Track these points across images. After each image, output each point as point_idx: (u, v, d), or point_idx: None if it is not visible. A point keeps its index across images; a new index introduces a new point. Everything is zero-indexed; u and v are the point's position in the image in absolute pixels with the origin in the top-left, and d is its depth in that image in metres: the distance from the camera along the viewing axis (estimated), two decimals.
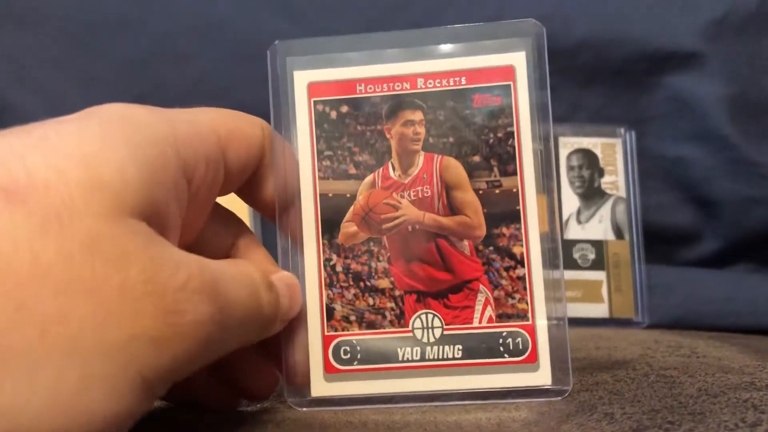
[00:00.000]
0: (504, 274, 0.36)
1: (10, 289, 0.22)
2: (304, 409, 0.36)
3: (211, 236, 0.35)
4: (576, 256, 0.73)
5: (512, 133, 0.37)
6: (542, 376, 0.36)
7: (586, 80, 0.80)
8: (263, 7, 0.81)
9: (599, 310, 0.72)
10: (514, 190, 0.36)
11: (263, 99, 0.37)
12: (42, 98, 0.79)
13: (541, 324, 0.36)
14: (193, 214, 0.32)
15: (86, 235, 0.23)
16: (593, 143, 0.76)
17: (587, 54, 0.79)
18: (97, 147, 0.26)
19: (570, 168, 0.75)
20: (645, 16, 0.79)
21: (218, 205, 0.36)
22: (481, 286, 0.36)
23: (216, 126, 0.33)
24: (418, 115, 0.37)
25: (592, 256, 0.74)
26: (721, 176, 0.77)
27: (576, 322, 0.36)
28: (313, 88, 0.37)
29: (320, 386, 0.36)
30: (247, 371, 0.36)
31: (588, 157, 0.76)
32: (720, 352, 0.49)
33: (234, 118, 0.34)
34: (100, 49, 0.81)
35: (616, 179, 0.76)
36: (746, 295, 0.73)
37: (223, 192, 0.35)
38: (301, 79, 0.37)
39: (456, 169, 0.37)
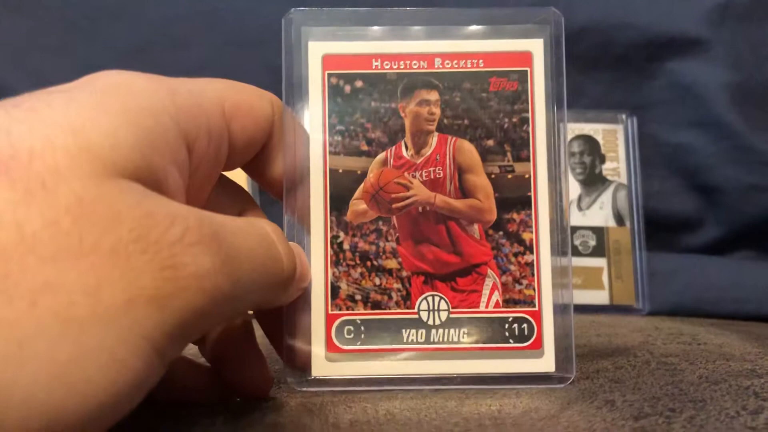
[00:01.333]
0: (512, 259, 0.36)
1: None
2: (304, 389, 0.35)
3: (215, 209, 0.34)
4: (577, 242, 0.74)
5: (527, 119, 0.37)
6: (546, 363, 0.35)
7: (588, 66, 0.80)
8: None
9: (600, 297, 0.73)
10: (527, 176, 0.36)
11: (264, 85, 0.36)
12: (40, 85, 0.78)
13: (548, 311, 0.36)
14: (197, 186, 0.31)
15: (73, 199, 0.23)
16: (594, 129, 0.76)
17: (589, 40, 0.79)
18: (87, 114, 0.25)
19: (571, 154, 0.75)
20: (648, 1, 0.79)
21: (224, 176, 0.36)
22: (489, 271, 0.36)
23: (221, 97, 0.32)
24: (433, 95, 0.37)
25: (592, 242, 0.74)
26: (723, 163, 0.77)
27: (576, 309, 0.36)
28: (327, 60, 0.37)
29: (322, 366, 0.35)
30: (243, 367, 0.35)
31: (589, 143, 0.76)
32: (721, 339, 0.50)
33: (241, 90, 0.33)
34: (99, 36, 0.81)
35: (617, 166, 0.76)
36: (747, 283, 0.74)
37: (230, 166, 0.34)
38: (316, 51, 0.37)
39: (469, 152, 0.36)
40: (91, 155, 0.24)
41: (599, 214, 0.74)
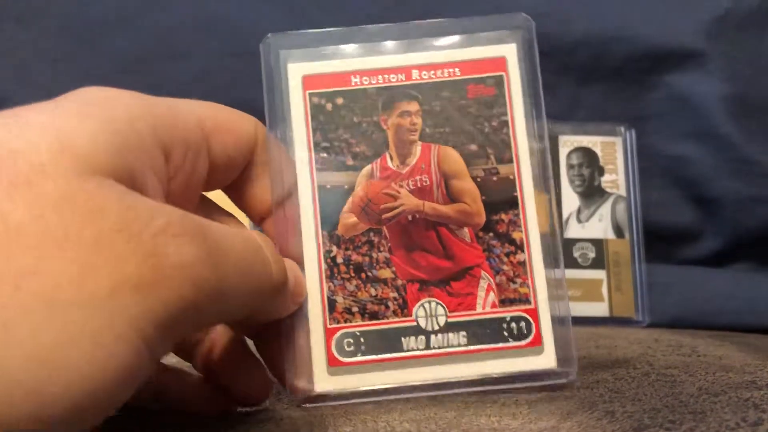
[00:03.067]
0: (505, 259, 0.36)
1: None
2: (307, 405, 0.35)
3: None
4: (576, 254, 0.73)
5: (506, 122, 0.37)
6: (547, 359, 0.36)
7: (586, 78, 0.79)
8: (262, 3, 0.82)
9: (599, 309, 0.72)
10: (511, 177, 0.37)
11: (263, 95, 0.37)
12: (41, 95, 0.78)
13: (544, 307, 0.36)
14: (177, 198, 0.31)
15: (57, 194, 0.23)
16: (593, 141, 0.76)
17: (587, 52, 0.79)
18: (70, 120, 0.26)
19: (570, 166, 0.75)
20: (645, 13, 0.79)
21: (210, 201, 0.36)
22: (483, 272, 0.36)
23: (199, 114, 0.32)
24: (414, 106, 0.37)
25: (592, 254, 0.73)
26: (721, 175, 0.77)
27: (576, 321, 0.36)
28: (307, 80, 0.37)
29: (324, 381, 0.35)
30: (240, 375, 0.35)
31: (588, 155, 0.76)
32: (720, 351, 0.49)
33: (224, 110, 0.34)
34: (99, 46, 0.82)
35: (616, 178, 0.76)
36: (746, 294, 0.73)
37: (212, 186, 0.34)
38: (296, 72, 0.38)
39: (453, 158, 0.37)
40: (73, 154, 0.24)
41: (598, 226, 0.74)
